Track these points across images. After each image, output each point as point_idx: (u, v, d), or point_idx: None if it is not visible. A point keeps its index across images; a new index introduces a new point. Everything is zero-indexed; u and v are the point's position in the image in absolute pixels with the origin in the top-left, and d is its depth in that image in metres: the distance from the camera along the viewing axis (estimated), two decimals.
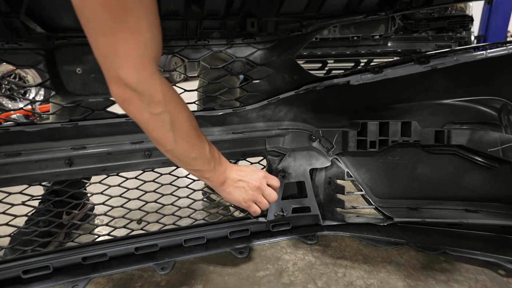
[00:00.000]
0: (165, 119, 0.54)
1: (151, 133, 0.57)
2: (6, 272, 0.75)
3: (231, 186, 0.69)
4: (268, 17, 0.77)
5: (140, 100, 0.51)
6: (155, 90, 0.52)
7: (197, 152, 0.61)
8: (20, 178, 0.77)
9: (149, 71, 0.51)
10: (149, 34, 0.49)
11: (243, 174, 0.70)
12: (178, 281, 0.80)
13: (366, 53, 1.86)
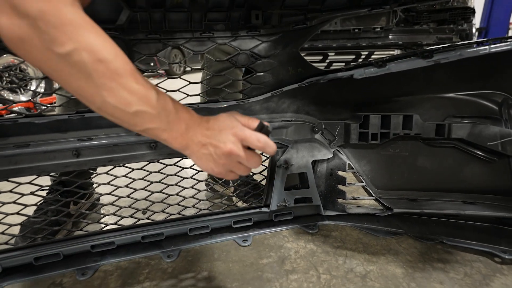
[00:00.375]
0: (81, 60, 0.39)
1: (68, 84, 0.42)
2: (19, 259, 0.77)
3: (196, 153, 0.52)
4: (272, 9, 0.76)
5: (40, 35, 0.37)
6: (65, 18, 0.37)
7: (138, 103, 0.44)
8: (29, 169, 0.78)
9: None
10: None
11: (210, 135, 0.52)
12: (184, 268, 0.82)
13: (367, 45, 1.84)
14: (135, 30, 0.75)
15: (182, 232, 0.89)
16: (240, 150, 0.51)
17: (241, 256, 0.86)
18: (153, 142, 0.84)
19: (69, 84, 0.42)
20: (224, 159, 0.52)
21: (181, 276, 0.79)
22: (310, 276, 0.78)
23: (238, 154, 0.51)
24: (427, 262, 0.84)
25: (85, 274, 0.78)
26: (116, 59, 0.42)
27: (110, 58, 0.41)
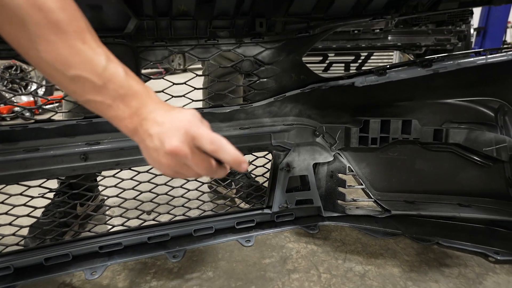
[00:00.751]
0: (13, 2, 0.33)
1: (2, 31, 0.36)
2: (30, 260, 0.79)
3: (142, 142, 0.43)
4: (276, 17, 0.77)
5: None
6: None
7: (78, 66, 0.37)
8: (39, 173, 0.79)
9: None
10: None
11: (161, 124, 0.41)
12: (189, 268, 0.84)
13: (366, 46, 1.86)
14: (142, 38, 0.76)
15: (187, 233, 0.91)
16: (186, 150, 0.40)
17: (244, 256, 0.88)
18: None
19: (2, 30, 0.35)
20: (167, 158, 0.41)
21: (187, 275, 0.81)
22: (311, 275, 0.81)
23: (183, 154, 0.40)
24: (423, 261, 0.87)
25: (93, 274, 0.80)
26: (60, 11, 0.35)
27: (52, 7, 0.35)
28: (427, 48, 1.93)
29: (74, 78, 0.37)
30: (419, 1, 0.73)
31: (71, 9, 0.38)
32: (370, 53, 1.90)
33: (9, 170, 0.76)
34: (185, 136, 0.41)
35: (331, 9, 0.74)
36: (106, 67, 0.39)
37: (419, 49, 1.90)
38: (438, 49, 1.97)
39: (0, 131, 0.73)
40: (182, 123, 0.41)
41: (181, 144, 0.40)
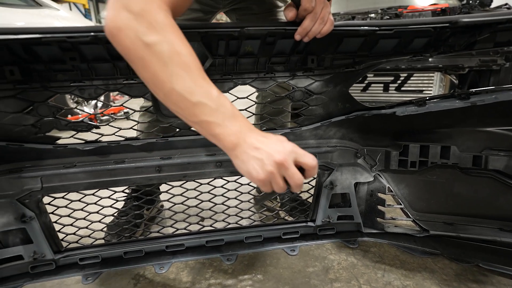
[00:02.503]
0: (162, 50, 0.49)
1: (146, 70, 0.51)
2: (113, 252, 0.99)
3: (245, 154, 0.53)
4: (326, 54, 0.93)
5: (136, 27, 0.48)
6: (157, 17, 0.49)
7: (200, 94, 0.51)
8: (124, 181, 1.00)
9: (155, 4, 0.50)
10: None
11: (265, 142, 0.54)
12: (242, 270, 1.00)
13: (406, 68, 1.94)
14: (212, 72, 0.95)
15: (239, 239, 1.07)
16: (291, 164, 0.53)
17: (290, 263, 1.02)
18: (219, 162, 1.04)
19: (146, 69, 0.51)
20: (273, 167, 0.52)
21: (240, 277, 0.97)
22: (352, 285, 0.92)
23: (288, 167, 0.52)
24: (462, 282, 0.94)
25: (161, 269, 0.98)
26: (189, 55, 0.51)
27: (184, 53, 0.50)
28: (470, 69, 1.96)
29: (197, 103, 0.52)
30: (456, 42, 0.85)
31: (194, 54, 0.54)
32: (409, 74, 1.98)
33: (102, 177, 0.98)
34: (290, 152, 0.54)
35: (374, 48, 0.89)
36: (218, 96, 0.54)
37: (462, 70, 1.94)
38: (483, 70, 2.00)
39: (100, 146, 0.95)
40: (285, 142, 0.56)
41: (288, 157, 0.53)
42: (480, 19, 0.73)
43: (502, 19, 0.73)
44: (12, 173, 0.90)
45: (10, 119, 0.81)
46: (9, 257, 0.91)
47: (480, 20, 0.74)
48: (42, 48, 0.69)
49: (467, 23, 0.74)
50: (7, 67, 0.72)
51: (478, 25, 0.77)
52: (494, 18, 0.72)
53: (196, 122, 0.54)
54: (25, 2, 2.79)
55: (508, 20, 0.73)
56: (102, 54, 0.78)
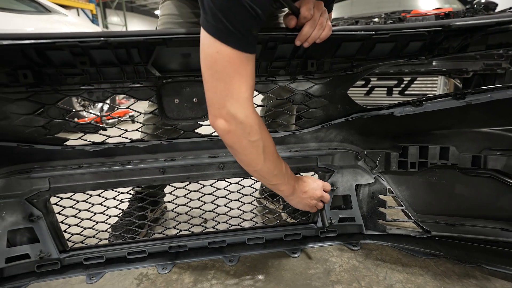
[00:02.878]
0: (259, 145, 0.74)
1: (245, 156, 0.76)
2: (117, 252, 1.03)
3: (298, 197, 0.92)
4: (325, 58, 0.97)
5: (243, 130, 0.70)
6: (255, 122, 0.71)
7: (278, 170, 0.82)
8: (128, 182, 1.05)
9: (251, 108, 0.71)
10: (252, 82, 0.71)
11: (307, 186, 0.93)
12: (243, 271, 1.02)
13: (409, 72, 1.98)
14: None
15: (241, 241, 1.11)
16: (323, 193, 0.96)
17: (291, 265, 1.04)
18: (221, 163, 1.08)
19: (246, 155, 0.76)
20: (316, 199, 0.95)
21: (242, 277, 0.99)
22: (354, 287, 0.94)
23: (323, 196, 0.96)
24: (465, 286, 0.95)
25: (164, 269, 1.02)
26: (272, 146, 0.79)
27: (270, 145, 0.78)
28: (475, 73, 1.99)
29: (276, 175, 0.83)
30: (450, 44, 0.89)
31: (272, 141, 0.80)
32: (413, 78, 2.01)
33: (108, 178, 1.03)
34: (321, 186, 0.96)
35: (372, 52, 0.93)
36: (285, 168, 0.85)
37: (466, 73, 1.97)
38: (487, 74, 2.03)
39: (106, 148, 1.00)
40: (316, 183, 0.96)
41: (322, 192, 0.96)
42: (470, 22, 0.77)
43: (492, 22, 0.76)
44: (22, 174, 0.95)
45: (22, 121, 0.86)
46: (16, 256, 0.95)
47: (470, 23, 0.78)
48: (54, 52, 0.75)
49: (459, 26, 0.78)
50: (21, 71, 0.78)
51: (470, 28, 0.81)
52: (484, 21, 0.76)
53: (271, 184, 0.86)
54: (35, 8, 2.91)
55: (497, 23, 0.77)
56: (111, 59, 0.83)
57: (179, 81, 0.97)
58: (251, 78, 0.70)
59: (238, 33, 0.63)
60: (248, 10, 0.61)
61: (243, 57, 0.66)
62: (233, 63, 0.66)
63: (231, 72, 0.66)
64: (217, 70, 0.67)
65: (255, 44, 0.69)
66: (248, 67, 0.68)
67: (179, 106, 1.00)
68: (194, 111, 1.01)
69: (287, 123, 1.16)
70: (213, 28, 0.63)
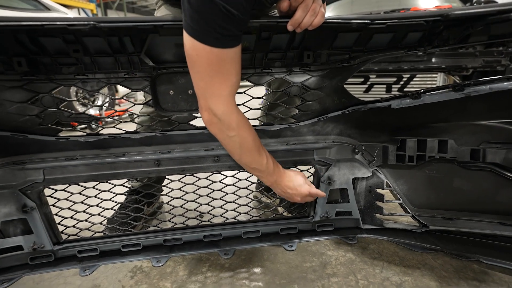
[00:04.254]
0: (236, 140, 0.80)
1: (226, 147, 0.84)
2: (112, 245, 1.02)
3: (280, 190, 0.94)
4: (322, 50, 0.97)
5: (221, 125, 0.76)
6: (232, 120, 0.77)
7: (256, 164, 0.87)
8: (123, 174, 1.04)
9: (231, 106, 0.75)
10: (235, 79, 0.75)
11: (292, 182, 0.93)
12: (239, 265, 1.02)
13: (409, 69, 1.97)
14: None
15: (237, 235, 1.10)
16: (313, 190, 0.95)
17: (287, 259, 1.03)
18: (217, 156, 1.07)
19: (227, 147, 0.84)
20: (300, 196, 0.93)
21: (237, 270, 0.98)
22: (349, 280, 0.93)
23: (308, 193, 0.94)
24: (462, 279, 0.95)
25: (159, 262, 1.00)
26: (252, 142, 0.82)
27: (249, 140, 0.81)
28: (474, 69, 1.98)
29: (253, 168, 0.88)
30: (450, 35, 0.88)
31: (255, 138, 0.84)
32: (412, 75, 2.00)
33: (102, 170, 1.02)
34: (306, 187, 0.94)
35: (370, 43, 0.92)
36: (266, 162, 0.87)
37: (466, 70, 1.96)
38: (487, 71, 2.02)
39: (101, 139, 0.99)
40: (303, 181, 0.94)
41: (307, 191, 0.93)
42: (470, 11, 0.77)
43: (493, 10, 0.76)
44: (16, 165, 0.94)
45: (15, 109, 0.86)
46: (9, 247, 0.95)
47: (470, 12, 0.77)
48: (47, 39, 0.74)
49: (458, 15, 0.78)
50: (15, 59, 0.77)
51: (470, 18, 0.80)
52: (484, 10, 0.75)
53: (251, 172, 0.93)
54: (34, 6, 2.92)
55: (498, 12, 0.76)
56: (104, 48, 0.83)
57: (173, 72, 0.97)
58: (233, 75, 0.73)
59: (215, 32, 0.65)
60: (224, 12, 0.63)
61: (223, 54, 0.68)
62: (212, 63, 0.69)
63: (211, 72, 0.70)
64: (198, 70, 0.72)
65: (239, 37, 0.71)
66: (229, 65, 0.71)
67: (174, 97, 0.99)
68: (189, 103, 1.00)
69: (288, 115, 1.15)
70: (191, 29, 0.67)
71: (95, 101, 2.84)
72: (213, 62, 0.69)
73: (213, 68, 0.69)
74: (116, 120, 1.13)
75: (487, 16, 0.77)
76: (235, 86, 0.76)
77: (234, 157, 0.87)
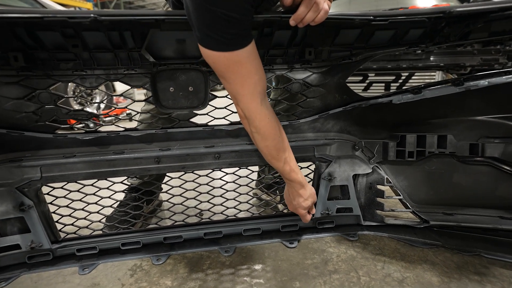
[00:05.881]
0: (256, 138, 0.85)
1: (253, 139, 0.88)
2: (111, 243, 1.02)
3: (292, 195, 0.96)
4: (323, 46, 0.96)
5: (246, 121, 0.82)
6: (254, 118, 0.80)
7: (273, 164, 0.90)
8: (122, 171, 1.03)
9: (254, 104, 0.78)
10: (256, 76, 0.76)
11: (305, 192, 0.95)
12: (239, 262, 1.01)
13: (407, 67, 1.98)
14: None
15: (237, 232, 1.09)
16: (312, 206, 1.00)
17: (288, 256, 1.03)
18: (217, 153, 1.07)
19: (253, 138, 0.87)
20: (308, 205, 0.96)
21: (238, 267, 0.98)
22: (351, 277, 0.93)
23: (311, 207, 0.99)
24: (463, 274, 0.95)
25: (159, 260, 1.00)
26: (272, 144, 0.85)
27: (268, 143, 0.85)
28: (472, 68, 2.00)
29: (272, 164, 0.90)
30: (451, 32, 0.88)
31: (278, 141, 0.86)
32: (411, 73, 2.01)
33: (101, 168, 1.01)
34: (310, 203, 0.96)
35: (371, 40, 0.92)
36: (282, 167, 0.89)
37: (464, 69, 1.98)
38: (485, 69, 2.04)
39: (99, 137, 0.98)
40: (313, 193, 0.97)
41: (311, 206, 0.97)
42: (472, 8, 0.77)
43: (494, 8, 0.76)
44: (13, 162, 0.93)
45: (12, 105, 0.85)
46: (6, 246, 0.93)
47: (472, 9, 0.77)
48: (45, 33, 0.73)
49: (460, 12, 0.78)
50: (11, 53, 0.76)
51: (472, 15, 0.80)
52: (486, 7, 0.76)
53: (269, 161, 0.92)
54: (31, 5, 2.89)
55: (500, 9, 0.76)
56: (104, 43, 0.82)
57: (174, 69, 0.96)
58: (253, 73, 0.74)
59: (221, 38, 0.67)
60: (224, 19, 0.64)
61: (236, 56, 0.70)
62: (228, 67, 0.71)
63: (231, 75, 0.73)
64: (220, 75, 0.76)
65: (247, 35, 0.71)
66: (246, 64, 0.72)
67: (174, 94, 0.99)
68: (189, 100, 0.99)
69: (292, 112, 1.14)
70: (200, 39, 0.69)
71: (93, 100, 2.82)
72: (229, 66, 0.71)
73: (231, 71, 0.72)
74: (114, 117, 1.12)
75: (489, 13, 0.78)
76: (259, 83, 0.77)
77: (259, 146, 0.90)
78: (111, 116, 2.84)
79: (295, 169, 0.92)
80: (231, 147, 1.05)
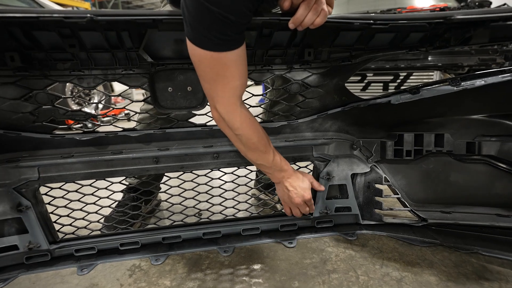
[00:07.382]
0: (241, 138, 0.84)
1: (232, 142, 0.89)
2: (109, 244, 1.01)
3: (284, 190, 0.96)
4: (323, 47, 0.95)
5: (226, 124, 0.81)
6: (235, 120, 0.80)
7: (261, 160, 0.90)
8: (121, 171, 1.03)
9: (233, 107, 0.79)
10: (238, 82, 0.76)
11: (296, 183, 0.96)
12: (238, 262, 1.01)
13: (405, 67, 1.98)
14: None
15: (236, 232, 1.09)
16: (304, 204, 0.98)
17: (287, 256, 1.03)
18: (216, 153, 1.06)
19: (234, 143, 0.88)
20: (301, 199, 0.96)
21: (237, 267, 0.98)
22: (350, 276, 0.93)
23: (310, 199, 0.98)
24: (461, 273, 0.95)
25: (157, 260, 1.00)
26: (257, 140, 0.85)
27: (253, 138, 0.84)
28: (470, 67, 2.00)
29: (260, 165, 0.91)
30: (451, 37, 0.88)
31: (262, 136, 0.86)
32: (409, 73, 2.02)
33: (100, 168, 1.01)
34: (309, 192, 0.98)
35: (371, 42, 0.91)
36: (273, 159, 0.90)
37: (462, 69, 1.99)
38: (482, 69, 2.04)
39: (98, 137, 0.98)
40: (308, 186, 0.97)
41: (308, 197, 0.97)
42: (474, 16, 0.76)
43: (495, 16, 0.75)
44: (10, 162, 0.93)
45: (8, 106, 0.84)
46: (4, 247, 0.93)
47: (473, 17, 0.76)
48: (42, 33, 0.73)
49: (461, 19, 0.77)
50: (8, 53, 0.75)
51: (472, 22, 0.79)
52: (487, 16, 0.75)
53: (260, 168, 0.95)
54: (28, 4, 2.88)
55: (500, 18, 0.75)
56: (101, 43, 0.81)
57: (172, 69, 0.96)
58: (236, 77, 0.74)
59: (214, 38, 0.67)
60: (221, 19, 0.64)
61: (224, 58, 0.70)
62: (213, 67, 0.71)
63: (213, 75, 0.73)
64: (201, 74, 0.75)
65: (239, 39, 0.71)
66: (232, 67, 0.72)
67: (172, 94, 0.98)
68: (188, 100, 0.99)
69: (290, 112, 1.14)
70: (191, 35, 0.69)
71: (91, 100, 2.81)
72: (215, 66, 0.71)
73: (215, 72, 0.72)
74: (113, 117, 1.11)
75: (489, 22, 0.77)
76: (240, 88, 0.77)
77: (241, 153, 0.90)
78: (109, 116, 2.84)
79: (283, 159, 0.94)
80: (230, 147, 1.05)
